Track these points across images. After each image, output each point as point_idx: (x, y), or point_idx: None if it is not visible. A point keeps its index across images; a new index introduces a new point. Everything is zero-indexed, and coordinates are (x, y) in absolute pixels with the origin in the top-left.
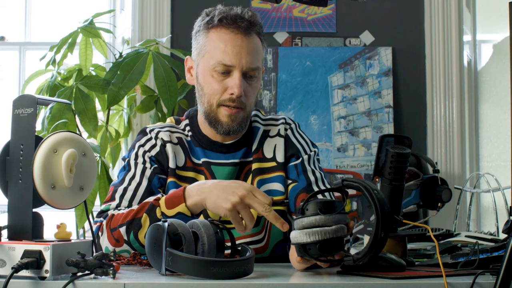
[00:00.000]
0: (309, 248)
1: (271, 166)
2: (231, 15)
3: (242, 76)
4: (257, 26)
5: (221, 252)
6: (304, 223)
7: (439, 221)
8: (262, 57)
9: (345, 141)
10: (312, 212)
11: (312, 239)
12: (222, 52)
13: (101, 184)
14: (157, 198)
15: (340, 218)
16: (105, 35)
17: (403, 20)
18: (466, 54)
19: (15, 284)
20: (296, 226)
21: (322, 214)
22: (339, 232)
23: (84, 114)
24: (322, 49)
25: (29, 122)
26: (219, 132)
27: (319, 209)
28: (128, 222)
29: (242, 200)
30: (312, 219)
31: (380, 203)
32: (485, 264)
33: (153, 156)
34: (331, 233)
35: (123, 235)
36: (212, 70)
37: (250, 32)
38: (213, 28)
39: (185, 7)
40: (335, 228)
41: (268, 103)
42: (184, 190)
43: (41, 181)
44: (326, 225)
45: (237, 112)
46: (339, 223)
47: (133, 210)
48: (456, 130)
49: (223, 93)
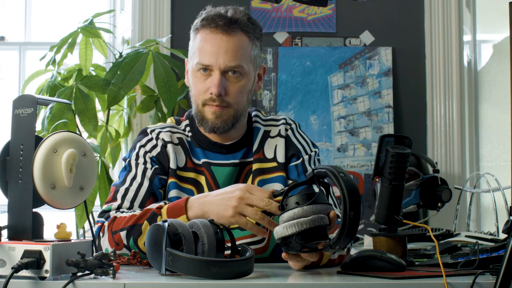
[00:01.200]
0: (289, 241)
1: (272, 166)
2: (211, 15)
3: (224, 74)
4: (240, 23)
5: (221, 252)
6: (285, 218)
7: (439, 221)
8: (250, 54)
9: (345, 141)
10: (290, 206)
11: (290, 231)
12: (202, 52)
13: (101, 184)
14: (159, 207)
15: (320, 209)
16: (105, 35)
17: (403, 20)
18: (466, 54)
19: (15, 284)
20: (280, 222)
21: (300, 206)
22: (317, 222)
23: (84, 114)
24: (322, 49)
25: (29, 122)
26: (206, 130)
27: (296, 202)
28: (129, 227)
29: (241, 201)
30: (290, 213)
31: (345, 184)
32: (485, 264)
33: (154, 157)
34: (308, 223)
35: (123, 240)
36: (196, 71)
37: (230, 29)
38: (198, 30)
39: (185, 7)
40: (312, 218)
41: (268, 103)
42: (186, 202)
43: (41, 181)
44: (304, 216)
45: (221, 110)
46: (318, 213)
47: (135, 215)
48: (456, 130)
49: (205, 93)
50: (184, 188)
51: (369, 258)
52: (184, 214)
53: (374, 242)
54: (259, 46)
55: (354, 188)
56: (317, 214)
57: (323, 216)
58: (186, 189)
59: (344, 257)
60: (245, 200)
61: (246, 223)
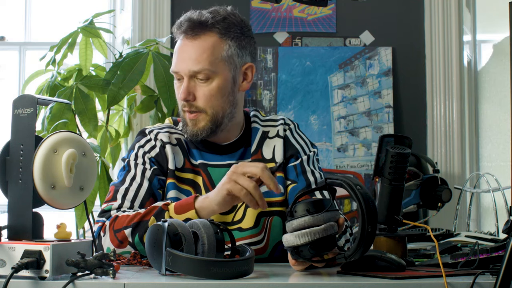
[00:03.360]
0: (301, 250)
1: (270, 167)
2: (180, 20)
3: (192, 79)
4: (207, 24)
5: (221, 252)
6: (294, 225)
7: (439, 221)
8: (221, 54)
9: (345, 141)
10: (300, 213)
11: (303, 241)
12: (174, 60)
13: (101, 184)
14: (167, 203)
15: (330, 216)
16: (105, 35)
17: (403, 20)
18: (466, 54)
19: (15, 284)
20: (287, 229)
21: (311, 215)
22: (329, 231)
23: (84, 114)
24: (322, 49)
25: (29, 122)
26: (187, 136)
27: (307, 209)
28: (134, 225)
29: (236, 169)
30: (301, 221)
31: (363, 198)
32: (485, 264)
33: (153, 157)
34: (320, 232)
35: (128, 237)
36: (175, 79)
37: (194, 33)
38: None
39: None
40: (324, 227)
41: (268, 103)
42: (194, 198)
43: (41, 181)
44: (315, 225)
45: (195, 116)
46: (328, 221)
47: (140, 213)
48: (456, 130)
49: (180, 100)
50: (182, 188)
51: (369, 258)
52: (193, 209)
53: (374, 242)
54: (236, 45)
55: (371, 202)
56: (328, 223)
57: (333, 224)
58: (184, 190)
59: None
60: (240, 169)
61: (241, 189)
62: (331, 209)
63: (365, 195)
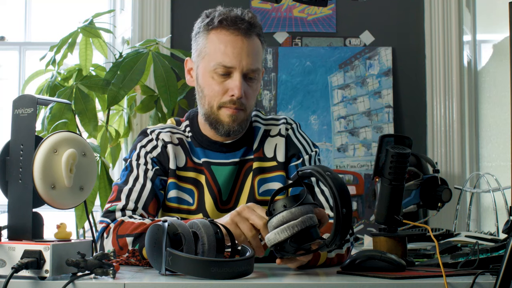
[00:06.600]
0: (284, 246)
1: (272, 165)
2: (231, 17)
3: (242, 77)
4: (257, 27)
5: (221, 252)
6: (274, 223)
7: (439, 221)
8: (262, 59)
9: (345, 141)
10: (278, 210)
11: (283, 236)
12: (222, 53)
13: (101, 184)
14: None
15: (307, 209)
16: (105, 35)
17: (403, 20)
18: (466, 54)
19: (15, 284)
20: (269, 229)
21: (288, 209)
22: (307, 222)
23: (84, 114)
24: (322, 49)
25: (29, 122)
26: (219, 133)
27: (283, 205)
28: (137, 235)
29: (240, 213)
30: (279, 217)
31: (334, 182)
32: (485, 264)
33: (155, 157)
34: (299, 225)
35: (129, 245)
36: (212, 71)
37: (250, 33)
38: (213, 30)
39: (185, 7)
40: (302, 219)
41: (268, 103)
42: None
43: (41, 181)
44: (293, 219)
45: (237, 113)
46: (306, 214)
47: (145, 224)
48: (456, 130)
49: (223, 95)
50: (184, 187)
51: (369, 258)
52: None
53: (374, 242)
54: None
55: (342, 185)
56: (305, 215)
57: (311, 215)
58: (186, 189)
59: (344, 256)
60: (244, 213)
61: (240, 235)
62: (306, 201)
63: (335, 180)
